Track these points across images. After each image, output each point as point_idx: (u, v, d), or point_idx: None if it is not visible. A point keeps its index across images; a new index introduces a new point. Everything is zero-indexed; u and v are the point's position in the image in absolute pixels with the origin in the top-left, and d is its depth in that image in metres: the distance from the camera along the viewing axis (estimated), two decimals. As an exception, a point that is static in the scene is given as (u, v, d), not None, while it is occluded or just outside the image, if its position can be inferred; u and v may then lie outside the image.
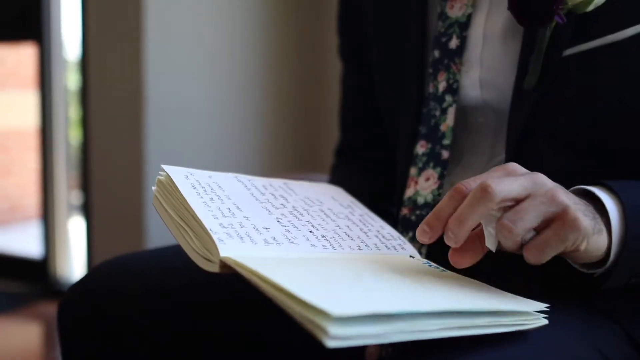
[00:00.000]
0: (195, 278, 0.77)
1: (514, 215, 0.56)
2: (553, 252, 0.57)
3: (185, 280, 0.77)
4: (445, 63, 0.78)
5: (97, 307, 0.76)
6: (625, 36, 0.67)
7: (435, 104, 0.79)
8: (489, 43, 0.76)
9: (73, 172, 2.67)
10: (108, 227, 1.95)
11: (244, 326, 0.78)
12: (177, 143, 1.88)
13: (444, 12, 0.79)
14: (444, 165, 0.79)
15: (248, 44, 2.06)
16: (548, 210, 0.56)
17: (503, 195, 0.56)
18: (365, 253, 0.66)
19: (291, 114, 2.22)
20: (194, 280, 0.77)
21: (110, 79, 1.87)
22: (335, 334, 0.45)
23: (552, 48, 0.68)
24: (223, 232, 0.58)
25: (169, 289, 0.77)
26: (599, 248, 0.60)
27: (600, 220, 0.60)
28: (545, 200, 0.56)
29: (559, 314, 0.62)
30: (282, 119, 2.19)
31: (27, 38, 2.49)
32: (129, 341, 0.75)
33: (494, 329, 0.54)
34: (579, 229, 0.56)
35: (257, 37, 2.08)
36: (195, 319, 0.77)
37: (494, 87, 0.76)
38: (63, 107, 2.54)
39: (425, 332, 0.51)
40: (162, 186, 0.66)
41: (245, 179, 0.73)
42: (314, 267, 0.58)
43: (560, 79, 0.69)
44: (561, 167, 0.71)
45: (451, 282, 0.61)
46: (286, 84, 2.18)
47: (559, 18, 0.65)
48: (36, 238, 2.74)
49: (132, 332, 0.75)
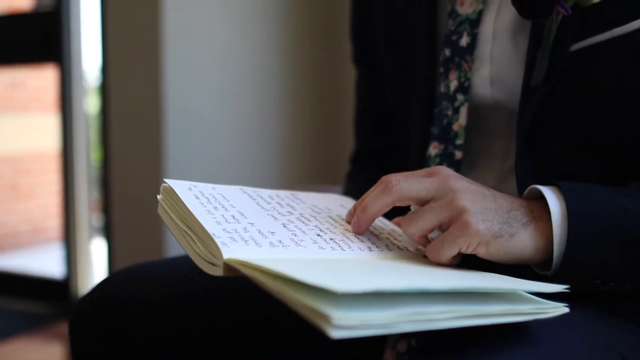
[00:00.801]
0: (206, 285, 0.77)
1: (412, 217, 0.62)
2: (448, 253, 0.61)
3: (195, 287, 0.76)
4: (456, 61, 0.78)
5: (109, 316, 0.75)
6: (633, 29, 0.66)
7: (447, 104, 0.78)
8: (499, 39, 0.75)
9: (94, 194, 2.68)
10: (129, 248, 1.95)
11: (254, 332, 0.77)
12: (197, 163, 1.89)
13: (454, 9, 0.78)
14: (457, 165, 0.78)
15: (269, 63, 2.06)
16: (445, 214, 0.60)
17: (402, 193, 0.62)
18: (376, 253, 0.64)
19: (312, 128, 2.21)
20: (204, 287, 0.77)
21: (130, 101, 1.88)
22: (339, 322, 0.43)
23: (559, 43, 0.68)
24: (226, 237, 0.57)
25: (180, 296, 0.76)
26: (518, 250, 0.62)
27: (520, 224, 0.62)
28: (444, 204, 0.60)
29: (578, 316, 0.61)
30: (303, 133, 2.19)
31: (48, 60, 2.52)
32: (139, 347, 0.75)
33: (510, 318, 0.52)
34: (469, 234, 0.59)
35: (278, 55, 2.09)
36: (204, 325, 0.76)
37: (504, 85, 0.75)
38: (84, 130, 2.56)
39: (435, 320, 0.48)
40: (167, 194, 0.66)
41: (250, 190, 0.73)
42: (319, 262, 0.57)
43: (568, 73, 0.69)
44: (574, 164, 0.71)
45: (465, 272, 0.60)
46: (307, 98, 2.19)
47: (563, 9, 0.64)
48: (58, 259, 2.76)
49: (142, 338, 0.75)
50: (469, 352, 0.53)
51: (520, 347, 0.55)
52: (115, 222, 1.98)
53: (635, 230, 0.61)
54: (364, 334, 0.45)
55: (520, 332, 0.56)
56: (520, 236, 0.61)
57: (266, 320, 0.77)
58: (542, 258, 0.64)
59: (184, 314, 0.75)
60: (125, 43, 1.87)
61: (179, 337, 0.75)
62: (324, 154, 2.23)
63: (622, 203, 0.62)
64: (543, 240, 0.62)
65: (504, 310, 0.52)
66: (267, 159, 2.10)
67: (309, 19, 2.15)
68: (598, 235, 0.61)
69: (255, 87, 2.03)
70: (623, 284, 0.64)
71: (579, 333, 0.60)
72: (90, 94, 2.62)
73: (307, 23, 2.14)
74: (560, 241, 0.62)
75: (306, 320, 0.45)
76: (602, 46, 0.67)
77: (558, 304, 0.55)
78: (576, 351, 0.58)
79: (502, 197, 0.63)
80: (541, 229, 0.62)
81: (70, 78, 2.48)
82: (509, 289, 0.53)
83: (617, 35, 0.66)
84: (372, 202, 0.63)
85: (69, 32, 2.44)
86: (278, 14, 2.08)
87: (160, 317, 0.75)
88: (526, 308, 0.53)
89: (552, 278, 0.64)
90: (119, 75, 1.91)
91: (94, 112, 2.65)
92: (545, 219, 0.63)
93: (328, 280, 0.45)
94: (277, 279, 0.48)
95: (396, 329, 0.47)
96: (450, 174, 0.63)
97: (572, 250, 0.61)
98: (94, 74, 2.55)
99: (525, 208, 0.63)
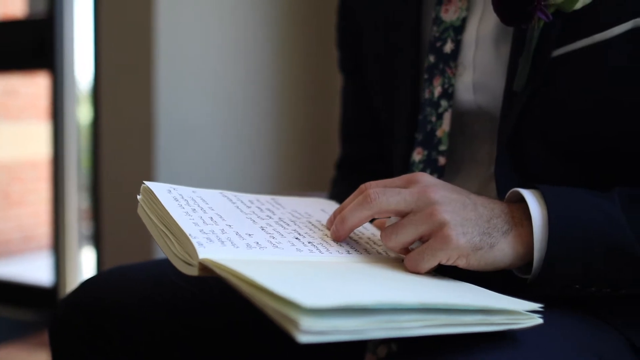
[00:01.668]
0: (187, 287, 0.76)
1: (392, 231, 0.61)
2: (427, 265, 0.60)
3: (176, 289, 0.76)
4: (440, 68, 0.78)
5: (89, 317, 0.75)
6: (612, 35, 0.66)
7: (431, 110, 0.79)
8: (482, 46, 0.76)
9: (85, 202, 2.68)
10: (118, 257, 1.95)
11: (235, 334, 0.77)
12: (188, 171, 1.89)
13: (439, 16, 0.79)
14: (440, 171, 0.78)
15: (260, 71, 2.07)
16: (425, 227, 0.60)
17: (380, 207, 0.61)
18: (354, 257, 0.64)
19: (303, 134, 2.21)
20: (185, 289, 0.77)
21: (122, 109, 1.88)
22: (307, 328, 0.43)
23: (540, 49, 0.68)
24: (203, 237, 0.57)
25: (160, 298, 0.76)
26: (497, 260, 0.62)
27: (500, 233, 0.62)
28: (423, 217, 0.60)
29: (557, 320, 0.61)
30: (294, 139, 2.19)
31: (41, 67, 2.52)
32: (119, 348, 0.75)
33: (483, 328, 0.52)
34: (449, 248, 0.59)
35: (270, 62, 2.09)
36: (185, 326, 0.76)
37: (487, 91, 0.76)
38: (75, 138, 2.55)
39: (407, 329, 0.48)
40: (146, 195, 0.66)
41: (230, 194, 0.73)
42: (294, 266, 0.56)
43: (549, 79, 0.69)
44: (555, 170, 0.71)
45: (441, 282, 0.60)
46: (299, 105, 2.19)
47: (544, 16, 0.65)
48: (49, 267, 2.75)
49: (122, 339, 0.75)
50: (447, 357, 0.53)
51: (499, 350, 0.55)
52: (104, 231, 1.98)
53: (616, 236, 0.62)
54: (333, 340, 0.45)
55: (499, 336, 0.56)
56: (500, 245, 0.61)
57: (245, 323, 0.77)
58: (522, 263, 0.64)
59: (164, 316, 0.75)
60: (118, 51, 1.87)
61: (159, 338, 0.75)
62: (315, 160, 2.23)
63: (604, 209, 0.63)
64: (523, 247, 0.62)
65: (477, 320, 0.52)
66: (259, 166, 2.10)
67: (302, 26, 2.16)
68: (578, 242, 0.61)
69: (247, 94, 2.03)
70: (603, 288, 0.64)
71: (559, 336, 0.60)
72: (83, 101, 2.62)
73: (299, 30, 2.15)
74: (540, 247, 0.62)
75: (276, 323, 0.45)
76: (583, 52, 0.67)
77: (532, 315, 0.55)
78: (555, 354, 0.58)
79: (483, 204, 0.63)
80: (521, 235, 0.62)
81: (63, 86, 2.48)
82: (481, 305, 0.52)
83: (597, 42, 0.67)
84: (350, 214, 0.63)
85: (62, 39, 2.44)
86: (270, 20, 2.08)
87: (140, 319, 0.75)
88: (500, 319, 0.53)
89: (532, 282, 0.64)
90: (111, 84, 1.91)
91: (86, 120, 2.65)
92: (525, 225, 0.63)
93: (297, 293, 0.44)
94: (249, 282, 0.48)
95: (366, 335, 0.46)
96: (429, 183, 0.63)
97: (552, 256, 0.61)
98: (86, 81, 2.55)
99: (506, 214, 0.63)
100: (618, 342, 0.66)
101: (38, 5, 2.85)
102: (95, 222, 2.07)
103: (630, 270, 0.63)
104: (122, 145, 1.89)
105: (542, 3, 0.64)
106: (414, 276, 0.60)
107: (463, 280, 0.62)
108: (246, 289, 0.48)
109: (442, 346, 0.54)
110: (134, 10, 1.81)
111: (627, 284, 0.65)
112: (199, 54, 1.89)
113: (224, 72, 1.96)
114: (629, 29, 0.65)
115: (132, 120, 1.85)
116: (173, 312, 0.76)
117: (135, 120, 1.84)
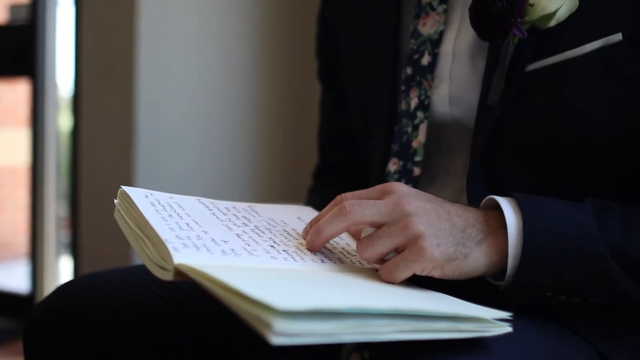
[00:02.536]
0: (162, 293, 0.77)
1: (367, 243, 0.62)
2: (401, 275, 0.61)
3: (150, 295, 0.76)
4: (417, 80, 0.79)
5: (62, 323, 0.75)
6: (585, 52, 0.68)
7: (407, 121, 0.80)
8: (458, 59, 0.77)
9: (64, 210, 2.66)
10: (95, 266, 1.93)
11: (210, 340, 0.77)
12: (168, 180, 1.88)
13: (417, 29, 0.80)
14: (415, 182, 0.79)
15: (242, 81, 2.07)
16: (399, 239, 0.61)
17: (356, 219, 0.61)
18: (328, 266, 0.64)
19: (284, 145, 2.22)
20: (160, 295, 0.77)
21: (102, 117, 1.87)
22: (280, 330, 0.44)
23: (515, 63, 0.69)
24: (179, 242, 0.57)
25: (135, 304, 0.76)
26: (472, 269, 0.63)
27: (475, 242, 0.63)
28: (398, 229, 0.60)
29: (528, 329, 0.62)
30: (275, 149, 2.19)
31: (21, 74, 2.51)
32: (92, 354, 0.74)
33: (453, 334, 0.53)
34: (424, 259, 0.60)
35: (252, 73, 2.09)
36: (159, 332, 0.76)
37: (463, 103, 0.77)
38: (55, 145, 2.54)
39: (378, 333, 0.49)
40: (123, 199, 0.67)
41: (207, 201, 0.73)
42: (268, 272, 0.57)
43: (523, 94, 0.70)
44: (526, 183, 0.72)
45: (413, 290, 0.61)
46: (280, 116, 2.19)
47: (519, 32, 0.66)
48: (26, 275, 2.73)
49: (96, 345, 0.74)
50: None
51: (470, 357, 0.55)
52: (82, 239, 1.97)
53: (588, 248, 0.63)
54: (306, 342, 0.46)
55: (470, 343, 0.57)
56: (475, 255, 0.62)
57: (220, 329, 0.77)
58: (497, 271, 0.65)
59: (139, 322, 0.75)
60: (99, 58, 1.87)
61: (134, 344, 0.75)
62: (295, 169, 2.23)
63: (577, 220, 0.64)
64: (497, 256, 0.63)
65: (447, 327, 0.53)
66: (239, 175, 2.10)
67: (283, 37, 2.16)
68: (551, 252, 0.63)
69: (228, 103, 2.04)
70: (574, 297, 0.66)
71: (530, 344, 0.61)
72: (63, 109, 2.61)
73: (281, 41, 2.16)
74: (514, 254, 0.63)
75: (249, 326, 0.46)
76: (555, 68, 0.69)
77: (502, 324, 0.56)
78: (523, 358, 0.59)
79: (457, 213, 0.64)
80: (496, 244, 0.63)
81: (44, 92, 2.47)
82: (451, 312, 0.53)
83: (570, 57, 0.68)
84: (326, 226, 0.63)
85: (43, 46, 2.43)
86: (253, 32, 2.09)
87: (115, 324, 0.75)
88: (469, 326, 0.54)
89: (505, 289, 0.65)
90: (91, 91, 1.91)
91: (66, 128, 2.64)
92: (500, 234, 0.64)
93: (271, 295, 0.45)
94: (224, 286, 0.49)
95: (338, 339, 0.47)
96: (403, 194, 0.63)
97: (525, 265, 0.62)
98: (67, 89, 2.54)
99: (480, 223, 0.64)
100: (588, 353, 0.68)
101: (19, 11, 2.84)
102: (74, 230, 2.06)
103: (601, 281, 0.64)
104: (102, 153, 1.88)
105: (518, 20, 0.66)
106: (387, 285, 0.61)
107: (437, 287, 0.63)
108: (220, 293, 0.48)
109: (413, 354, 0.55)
110: (115, 17, 1.81)
111: (597, 295, 0.66)
112: (180, 62, 1.90)
113: (205, 80, 1.97)
114: (599, 47, 0.67)
115: (112, 128, 1.85)
116: (148, 318, 0.76)
117: (116, 128, 1.83)
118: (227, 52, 2.03)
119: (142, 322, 0.75)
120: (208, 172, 2.00)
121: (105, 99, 1.86)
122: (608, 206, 0.66)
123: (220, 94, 2.02)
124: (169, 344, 0.76)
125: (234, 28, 2.04)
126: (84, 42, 1.90)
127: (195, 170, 1.95)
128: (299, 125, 2.21)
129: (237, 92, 2.07)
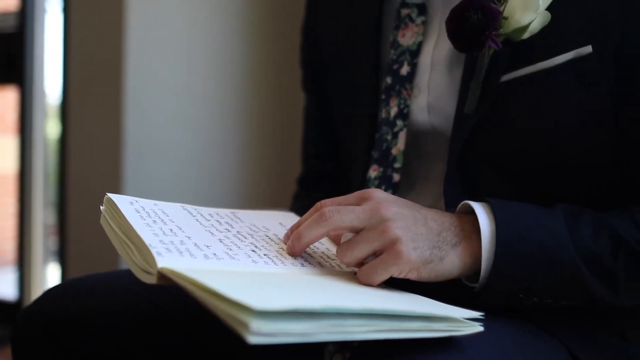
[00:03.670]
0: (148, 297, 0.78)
1: (347, 248, 0.64)
2: (379, 278, 0.63)
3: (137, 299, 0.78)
4: (396, 89, 0.82)
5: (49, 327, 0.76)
6: (556, 63, 0.70)
7: (387, 129, 0.82)
8: (436, 69, 0.80)
9: (51, 217, 2.66)
10: (82, 273, 1.93)
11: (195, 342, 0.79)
12: (157, 188, 1.89)
13: (396, 40, 0.82)
14: (395, 188, 0.81)
15: (230, 87, 2.08)
16: (378, 243, 0.62)
17: (335, 225, 0.63)
18: (308, 269, 0.66)
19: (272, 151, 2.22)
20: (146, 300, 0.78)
21: (90, 125, 1.88)
22: (257, 330, 0.46)
23: (490, 74, 0.72)
24: (162, 247, 0.59)
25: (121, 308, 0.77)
26: (447, 271, 0.65)
27: (450, 246, 0.65)
28: (377, 234, 0.62)
29: (499, 328, 0.64)
30: (263, 156, 2.20)
31: (10, 81, 2.51)
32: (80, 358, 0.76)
33: (425, 334, 0.55)
34: (401, 262, 0.62)
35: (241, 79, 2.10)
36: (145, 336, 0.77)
37: (440, 112, 0.79)
38: (42, 153, 2.54)
39: (353, 333, 0.51)
40: (109, 206, 0.69)
41: (191, 208, 0.75)
42: (248, 276, 0.59)
43: (498, 103, 0.73)
44: (502, 191, 0.74)
45: (389, 292, 0.63)
46: (267, 122, 2.20)
47: (494, 44, 0.69)
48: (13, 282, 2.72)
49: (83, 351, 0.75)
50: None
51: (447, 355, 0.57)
52: (69, 246, 1.97)
53: (559, 254, 0.66)
54: (282, 341, 0.48)
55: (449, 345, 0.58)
56: (450, 257, 0.65)
57: (205, 332, 0.78)
58: (471, 273, 0.67)
59: (125, 326, 0.76)
60: (87, 66, 1.88)
61: (120, 348, 0.76)
62: (283, 176, 2.25)
63: (548, 226, 0.66)
64: (471, 259, 0.66)
65: (419, 327, 0.55)
66: (226, 182, 2.11)
67: (273, 42, 2.18)
68: (523, 257, 0.65)
69: (216, 111, 2.05)
70: (545, 299, 0.68)
71: (504, 344, 0.63)
72: (51, 116, 2.61)
73: (271, 46, 2.17)
74: (488, 257, 0.65)
75: (228, 326, 0.48)
76: (529, 78, 0.71)
77: (473, 323, 0.58)
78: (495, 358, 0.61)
79: (433, 218, 0.66)
80: (470, 247, 0.66)
81: (32, 100, 2.47)
82: (423, 312, 0.55)
83: (542, 69, 0.71)
84: (306, 232, 0.65)
85: (31, 54, 2.44)
86: (241, 36, 2.10)
87: (102, 328, 0.75)
88: (441, 326, 0.56)
89: (479, 291, 0.67)
90: (79, 99, 1.92)
91: (54, 135, 2.64)
92: (474, 238, 0.66)
93: (248, 296, 0.47)
94: (204, 289, 0.51)
95: (313, 338, 0.49)
96: (381, 200, 0.65)
97: (498, 268, 0.65)
98: (55, 96, 2.55)
99: (455, 227, 0.67)
100: (561, 353, 0.70)
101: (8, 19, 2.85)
102: (61, 238, 2.07)
103: (574, 287, 0.67)
104: (89, 160, 1.89)
105: (493, 33, 0.68)
106: (364, 287, 0.63)
107: (414, 289, 0.65)
108: (200, 295, 0.51)
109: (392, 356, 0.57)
110: (103, 25, 1.82)
111: (570, 298, 0.68)
112: (169, 70, 1.91)
113: (192, 87, 1.98)
114: (570, 59, 0.70)
115: (100, 136, 1.85)
116: (135, 322, 0.77)
117: (104, 135, 1.84)
118: (214, 59, 2.04)
119: (129, 326, 0.77)
120: (196, 177, 2.00)
121: (93, 106, 1.87)
122: (579, 212, 0.69)
123: (207, 101, 2.03)
124: (158, 346, 0.77)
125: (220, 36, 2.05)
126: (72, 50, 1.91)
127: (182, 176, 1.96)
128: (286, 130, 2.22)
129: (224, 98, 2.08)
